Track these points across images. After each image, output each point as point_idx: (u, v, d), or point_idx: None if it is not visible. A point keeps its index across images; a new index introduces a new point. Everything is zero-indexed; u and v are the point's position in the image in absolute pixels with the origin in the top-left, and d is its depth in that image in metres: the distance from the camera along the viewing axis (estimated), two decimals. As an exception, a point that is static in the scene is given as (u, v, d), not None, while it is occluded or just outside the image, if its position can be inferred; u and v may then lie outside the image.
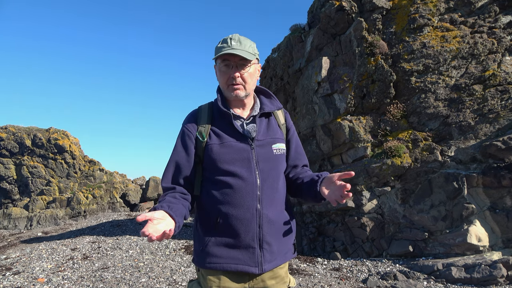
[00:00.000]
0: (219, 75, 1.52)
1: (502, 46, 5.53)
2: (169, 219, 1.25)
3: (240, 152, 1.46)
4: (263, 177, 1.47)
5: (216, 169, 1.47)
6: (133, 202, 16.39)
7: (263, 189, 1.46)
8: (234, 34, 1.51)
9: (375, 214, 5.79)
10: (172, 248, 6.98)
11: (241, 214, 1.42)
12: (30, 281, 5.19)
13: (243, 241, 1.42)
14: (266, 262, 1.44)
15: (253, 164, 1.46)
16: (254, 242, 1.42)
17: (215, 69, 1.57)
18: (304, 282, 4.76)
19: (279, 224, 1.50)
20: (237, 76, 1.46)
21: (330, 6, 6.97)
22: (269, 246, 1.45)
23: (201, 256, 1.47)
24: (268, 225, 1.45)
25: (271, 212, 1.47)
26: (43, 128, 16.59)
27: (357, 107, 6.43)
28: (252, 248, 1.42)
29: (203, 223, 1.50)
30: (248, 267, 1.41)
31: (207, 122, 1.53)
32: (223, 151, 1.46)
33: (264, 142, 1.51)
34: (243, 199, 1.43)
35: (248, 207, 1.42)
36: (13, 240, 10.44)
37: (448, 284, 4.42)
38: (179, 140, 1.54)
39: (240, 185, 1.43)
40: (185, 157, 1.50)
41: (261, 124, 1.55)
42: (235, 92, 1.49)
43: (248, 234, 1.42)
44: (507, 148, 4.78)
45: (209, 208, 1.47)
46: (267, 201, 1.46)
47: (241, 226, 1.41)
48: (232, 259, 1.42)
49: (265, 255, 1.44)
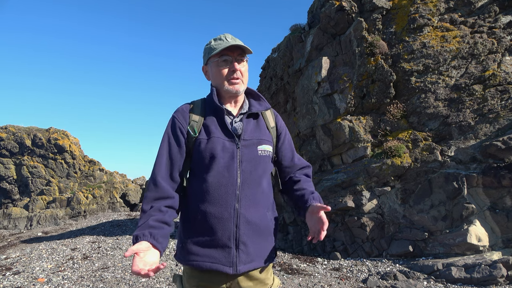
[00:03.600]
0: (216, 71, 1.50)
1: (502, 46, 5.53)
2: (153, 249, 1.26)
3: (226, 149, 1.45)
4: (244, 177, 1.45)
5: (201, 164, 1.45)
6: (133, 202, 16.39)
7: (243, 189, 1.44)
8: (225, 33, 1.51)
9: (375, 214, 5.79)
10: (172, 248, 6.98)
11: (218, 213, 1.40)
12: (30, 281, 5.18)
13: (220, 240, 1.40)
14: (241, 263, 1.42)
15: (236, 163, 1.44)
16: (230, 242, 1.41)
17: (205, 70, 1.57)
18: (304, 282, 4.76)
19: (258, 226, 1.47)
20: (238, 69, 1.47)
21: (330, 6, 6.97)
22: (245, 247, 1.43)
23: (181, 252, 1.47)
24: (246, 226, 1.43)
25: (250, 213, 1.44)
26: (43, 128, 16.60)
27: (357, 107, 6.43)
28: (228, 248, 1.41)
29: (184, 219, 1.50)
30: (223, 266, 1.40)
31: (199, 117, 1.51)
32: (209, 147, 1.44)
33: (249, 142, 1.49)
34: (221, 197, 1.41)
35: (226, 206, 1.41)
36: (13, 240, 10.44)
37: (448, 284, 4.42)
38: (170, 132, 1.50)
39: (220, 182, 1.42)
40: (177, 149, 1.47)
41: (248, 124, 1.53)
42: (235, 87, 1.49)
43: (224, 233, 1.40)
44: (507, 148, 4.78)
45: (191, 204, 1.47)
46: (246, 201, 1.44)
47: (218, 225, 1.40)
48: (208, 257, 1.41)
49: (240, 256, 1.42)
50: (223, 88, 1.51)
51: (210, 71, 1.54)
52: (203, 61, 1.59)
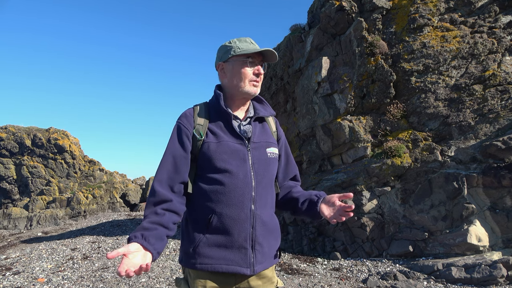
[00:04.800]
0: (240, 71, 1.50)
1: (502, 46, 5.53)
2: (143, 251, 1.24)
3: (237, 151, 1.46)
4: (258, 178, 1.47)
5: (212, 167, 1.44)
6: (133, 202, 16.39)
7: (257, 190, 1.46)
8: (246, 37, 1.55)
9: (375, 214, 5.79)
10: (172, 248, 6.98)
11: (235, 214, 1.41)
12: (30, 281, 5.18)
13: (236, 241, 1.40)
14: (258, 263, 1.43)
15: (248, 165, 1.46)
16: (246, 243, 1.41)
17: (222, 67, 1.55)
18: (304, 282, 4.76)
19: (270, 226, 1.50)
20: (262, 72, 1.52)
21: (330, 6, 6.96)
22: (261, 247, 1.45)
23: (191, 257, 1.43)
24: (261, 226, 1.45)
25: (264, 214, 1.47)
26: (43, 128, 16.60)
27: (357, 107, 6.43)
28: (244, 249, 1.41)
29: (194, 222, 1.48)
30: (240, 267, 1.40)
31: (204, 120, 1.51)
32: (220, 150, 1.44)
33: (259, 144, 1.52)
34: (238, 199, 1.41)
35: (243, 207, 1.42)
36: (13, 240, 10.44)
37: (448, 284, 4.42)
38: (175, 136, 1.50)
39: (236, 184, 1.42)
40: (183, 154, 1.47)
41: (255, 127, 1.56)
42: (255, 90, 1.52)
43: (241, 235, 1.41)
44: (507, 148, 4.78)
45: (202, 207, 1.45)
46: (260, 203, 1.46)
47: (235, 226, 1.40)
48: (224, 260, 1.40)
49: (257, 256, 1.43)
50: (243, 88, 1.50)
51: (231, 69, 1.52)
52: (219, 58, 1.56)
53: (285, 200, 1.65)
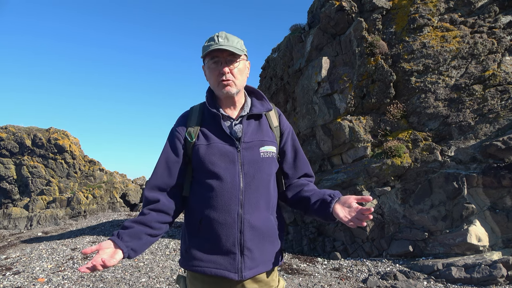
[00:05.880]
0: (208, 73, 1.49)
1: (502, 46, 5.53)
2: (114, 248, 1.29)
3: (226, 153, 1.43)
4: (247, 180, 1.41)
5: (202, 170, 1.44)
6: (133, 202, 16.40)
7: (246, 193, 1.41)
8: (220, 31, 1.47)
9: (375, 214, 5.79)
10: (172, 248, 6.98)
11: (222, 218, 1.38)
12: (30, 281, 5.19)
13: (224, 246, 1.38)
14: (247, 269, 1.39)
15: (237, 167, 1.42)
16: (235, 248, 1.38)
17: (203, 69, 1.54)
18: (304, 282, 4.77)
19: (263, 230, 1.44)
20: (226, 71, 1.42)
21: (330, 6, 6.97)
22: (250, 252, 1.40)
23: (185, 258, 1.46)
24: (250, 231, 1.40)
25: (254, 218, 1.41)
26: (43, 128, 16.61)
27: (357, 107, 6.44)
28: (232, 254, 1.39)
29: (188, 224, 1.49)
30: (228, 272, 1.38)
31: (197, 122, 1.50)
32: (209, 152, 1.43)
33: (250, 144, 1.46)
34: (224, 203, 1.39)
35: (229, 211, 1.38)
36: (13, 240, 10.44)
37: (448, 284, 4.42)
38: (168, 142, 1.52)
39: (222, 188, 1.39)
40: (174, 158, 1.47)
41: (248, 126, 1.50)
42: (226, 89, 1.44)
43: (229, 239, 1.38)
44: (507, 148, 4.78)
45: (194, 210, 1.46)
46: (249, 206, 1.41)
47: (222, 231, 1.38)
48: (213, 263, 1.39)
49: (245, 262, 1.39)
50: (216, 89, 1.49)
51: (205, 71, 1.52)
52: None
53: (296, 199, 1.55)
